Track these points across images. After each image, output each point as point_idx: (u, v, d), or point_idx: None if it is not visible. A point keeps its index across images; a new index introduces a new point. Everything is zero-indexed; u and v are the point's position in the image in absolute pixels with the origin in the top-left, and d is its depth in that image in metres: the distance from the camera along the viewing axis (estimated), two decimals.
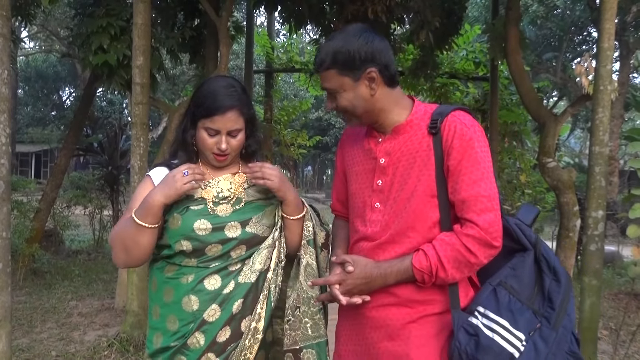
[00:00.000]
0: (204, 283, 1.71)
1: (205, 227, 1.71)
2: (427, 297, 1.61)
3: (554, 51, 19.91)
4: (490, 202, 1.54)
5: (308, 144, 11.70)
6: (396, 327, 1.62)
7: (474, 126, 1.60)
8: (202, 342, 1.69)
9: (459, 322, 1.54)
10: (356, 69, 1.59)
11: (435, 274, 1.55)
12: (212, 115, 1.71)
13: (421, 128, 1.63)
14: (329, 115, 29.70)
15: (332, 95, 1.66)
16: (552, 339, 1.50)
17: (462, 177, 1.55)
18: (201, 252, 1.71)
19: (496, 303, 1.55)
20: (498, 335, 1.50)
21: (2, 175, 3.12)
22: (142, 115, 4.68)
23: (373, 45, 1.60)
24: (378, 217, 1.66)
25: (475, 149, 1.56)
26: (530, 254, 1.61)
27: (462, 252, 1.53)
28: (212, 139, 1.73)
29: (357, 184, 1.75)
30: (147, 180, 1.81)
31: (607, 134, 3.99)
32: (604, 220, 4.00)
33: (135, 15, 4.60)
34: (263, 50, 10.11)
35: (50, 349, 4.75)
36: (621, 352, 4.52)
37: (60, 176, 8.03)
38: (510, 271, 1.59)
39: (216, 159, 1.77)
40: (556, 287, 1.56)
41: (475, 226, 1.52)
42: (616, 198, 14.41)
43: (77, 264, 8.63)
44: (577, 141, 32.83)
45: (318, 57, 1.66)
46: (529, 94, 6.08)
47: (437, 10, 6.31)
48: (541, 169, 5.99)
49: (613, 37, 3.99)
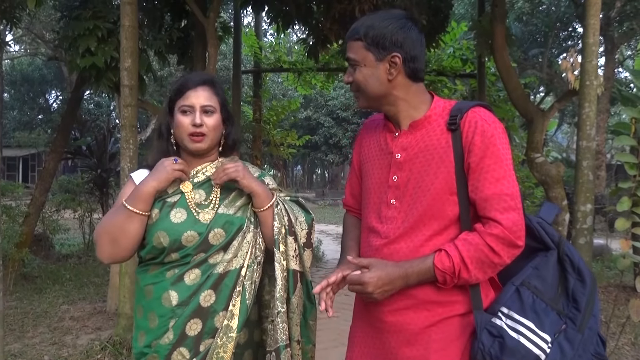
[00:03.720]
0: (183, 278, 1.70)
1: (181, 215, 1.72)
2: (446, 299, 1.56)
3: (539, 47, 20.07)
4: (514, 200, 1.50)
5: (298, 144, 11.72)
6: (415, 332, 1.57)
7: (495, 122, 1.56)
8: (171, 337, 1.67)
9: (482, 323, 1.50)
10: (382, 49, 1.57)
11: (458, 274, 1.50)
12: (184, 92, 1.76)
13: (440, 124, 1.60)
14: (318, 114, 29.71)
15: (352, 67, 1.63)
16: (578, 341, 1.47)
17: (484, 175, 1.52)
18: (179, 244, 1.69)
19: (520, 304, 1.51)
20: (523, 337, 1.46)
21: None
22: (131, 117, 4.67)
23: (407, 33, 1.57)
24: (394, 213, 1.62)
25: (497, 146, 1.52)
26: (554, 254, 1.58)
27: (485, 252, 1.48)
28: (186, 118, 1.75)
29: (373, 179, 1.71)
30: (130, 182, 1.83)
31: (594, 129, 4.05)
32: (592, 214, 4.06)
33: (122, 17, 4.58)
34: (251, 51, 10.11)
35: (43, 353, 4.73)
36: (611, 343, 4.57)
37: (49, 180, 7.98)
38: (533, 271, 1.56)
39: (191, 139, 1.75)
40: (581, 288, 1.53)
41: (499, 225, 1.48)
42: (604, 192, 14.56)
43: (68, 268, 8.57)
44: (564, 136, 33.10)
45: (353, 26, 1.64)
46: (516, 90, 6.14)
47: (423, 8, 6.35)
48: (530, 165, 6.06)
49: (598, 32, 4.04)
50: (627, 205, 3.43)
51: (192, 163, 1.83)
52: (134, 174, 1.85)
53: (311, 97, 26.86)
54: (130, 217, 1.66)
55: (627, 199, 3.42)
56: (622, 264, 3.54)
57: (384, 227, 1.63)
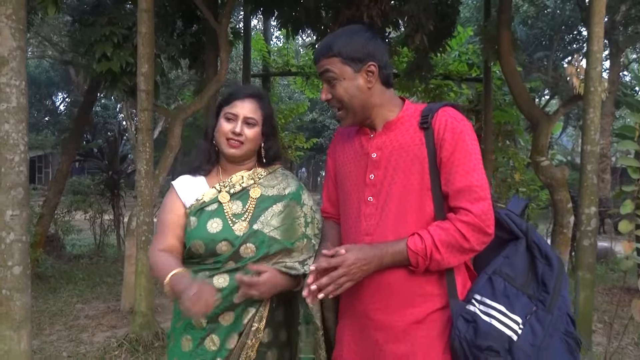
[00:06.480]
0: (212, 280, 1.79)
1: (217, 225, 1.82)
2: (427, 291, 1.63)
3: (545, 50, 20.14)
4: (483, 191, 1.59)
5: (305, 146, 11.84)
6: (401, 329, 1.63)
7: (463, 120, 1.66)
8: (204, 323, 1.81)
9: (458, 310, 1.58)
10: (358, 61, 1.65)
11: (430, 256, 1.56)
12: (231, 101, 1.89)
13: (412, 124, 1.68)
14: (324, 117, 29.80)
15: (330, 84, 1.69)
16: (548, 321, 1.55)
17: (455, 169, 1.60)
18: (213, 252, 1.80)
19: (492, 290, 1.60)
20: (495, 320, 1.54)
21: (21, 182, 3.25)
22: (147, 121, 4.81)
23: (376, 43, 1.68)
24: (372, 210, 1.68)
25: (466, 142, 1.61)
26: (522, 242, 1.66)
27: (456, 237, 1.56)
28: (229, 124, 1.86)
29: (350, 181, 1.77)
30: (171, 191, 1.94)
31: (598, 134, 4.15)
32: (596, 217, 4.16)
33: (139, 24, 4.72)
34: (259, 55, 10.24)
35: (62, 350, 4.87)
36: (615, 343, 4.67)
37: (63, 181, 8.14)
38: (504, 260, 1.65)
39: (229, 144, 1.86)
40: (549, 272, 1.61)
41: (469, 213, 1.56)
42: (609, 195, 14.61)
43: (80, 268, 8.72)
44: (569, 139, 33.06)
45: (322, 44, 1.70)
46: (521, 95, 6.25)
47: (431, 14, 6.46)
48: (535, 168, 6.15)
49: (602, 40, 4.15)
50: (630, 208, 3.52)
51: (229, 169, 1.94)
52: (175, 183, 1.95)
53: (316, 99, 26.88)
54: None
55: (630, 202, 3.51)
56: (626, 265, 3.63)
57: (364, 223, 1.69)
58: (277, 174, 1.99)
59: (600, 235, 9.22)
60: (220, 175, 1.94)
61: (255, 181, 1.92)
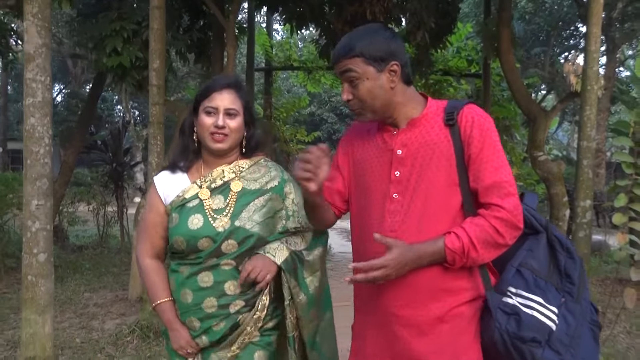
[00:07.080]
0: (197, 278, 1.81)
1: (198, 221, 1.81)
2: (454, 286, 1.63)
3: (542, 46, 20.28)
4: (512, 187, 1.61)
5: (306, 140, 11.98)
6: (427, 324, 1.62)
7: (488, 117, 1.68)
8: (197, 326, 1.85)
9: (496, 303, 1.59)
10: (381, 61, 1.64)
11: (467, 253, 1.56)
12: (209, 93, 1.83)
13: (437, 121, 1.68)
14: (322, 110, 29.86)
15: (352, 84, 1.67)
16: (578, 311, 1.61)
17: (484, 165, 1.61)
18: (194, 248, 1.80)
19: (525, 282, 1.61)
20: (536, 312, 1.56)
21: (46, 174, 3.40)
22: (158, 115, 4.95)
23: (397, 42, 1.68)
24: (397, 207, 1.66)
25: (492, 138, 1.63)
26: (543, 236, 1.69)
27: (490, 233, 1.57)
28: (210, 118, 1.81)
29: (372, 177, 1.75)
30: (152, 189, 1.95)
31: (594, 130, 4.33)
32: (591, 209, 4.35)
33: (151, 20, 4.85)
34: (262, 49, 10.36)
35: (74, 336, 5.02)
36: (607, 331, 4.86)
37: (69, 173, 8.28)
38: (528, 253, 1.67)
39: (213, 138, 1.82)
40: (572, 264, 1.66)
41: (502, 209, 1.57)
42: (603, 189, 14.82)
43: (86, 258, 8.86)
44: (564, 134, 33.23)
45: (343, 44, 1.68)
46: (520, 91, 6.42)
47: (432, 11, 6.62)
48: (532, 162, 6.33)
49: (599, 40, 4.32)
50: (623, 201, 3.69)
51: (211, 162, 1.90)
52: (156, 179, 1.94)
53: (315, 93, 27.03)
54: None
55: (624, 195, 3.69)
56: (619, 256, 3.81)
57: (389, 220, 1.67)
58: (260, 165, 1.95)
59: (594, 229, 9.41)
60: (202, 170, 1.91)
61: (237, 174, 1.89)
